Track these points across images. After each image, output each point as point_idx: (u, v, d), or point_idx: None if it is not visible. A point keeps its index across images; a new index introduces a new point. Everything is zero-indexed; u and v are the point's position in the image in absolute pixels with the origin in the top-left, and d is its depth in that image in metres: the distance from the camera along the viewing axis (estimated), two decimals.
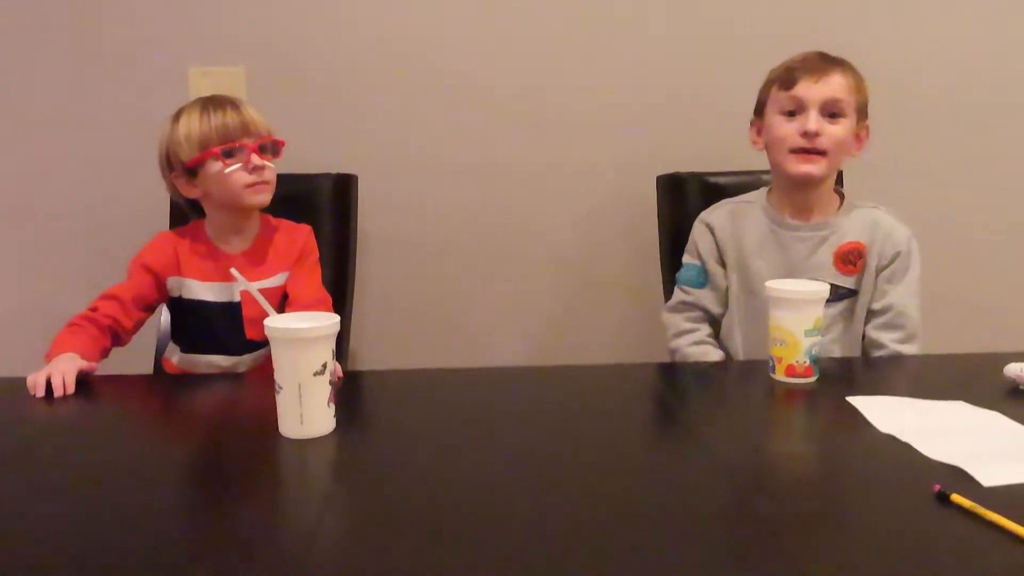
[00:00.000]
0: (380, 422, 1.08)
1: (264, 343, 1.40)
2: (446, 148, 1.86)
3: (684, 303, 1.51)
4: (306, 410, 0.94)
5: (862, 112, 1.43)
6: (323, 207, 1.71)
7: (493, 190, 1.88)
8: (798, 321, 1.13)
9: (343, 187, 1.74)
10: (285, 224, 1.50)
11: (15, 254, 1.88)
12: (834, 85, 1.39)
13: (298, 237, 1.48)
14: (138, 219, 1.80)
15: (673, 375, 1.32)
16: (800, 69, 1.40)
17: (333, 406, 0.97)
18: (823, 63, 1.41)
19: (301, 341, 0.93)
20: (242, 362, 1.42)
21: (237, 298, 1.40)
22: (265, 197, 1.39)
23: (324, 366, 0.95)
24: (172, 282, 1.40)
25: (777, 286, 1.16)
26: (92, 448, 0.97)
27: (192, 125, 1.37)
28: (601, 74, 1.85)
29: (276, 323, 0.94)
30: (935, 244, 1.89)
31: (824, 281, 1.39)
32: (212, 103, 1.39)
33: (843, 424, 1.00)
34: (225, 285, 1.39)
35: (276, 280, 1.42)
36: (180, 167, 1.38)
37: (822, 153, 1.39)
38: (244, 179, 1.36)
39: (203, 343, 1.42)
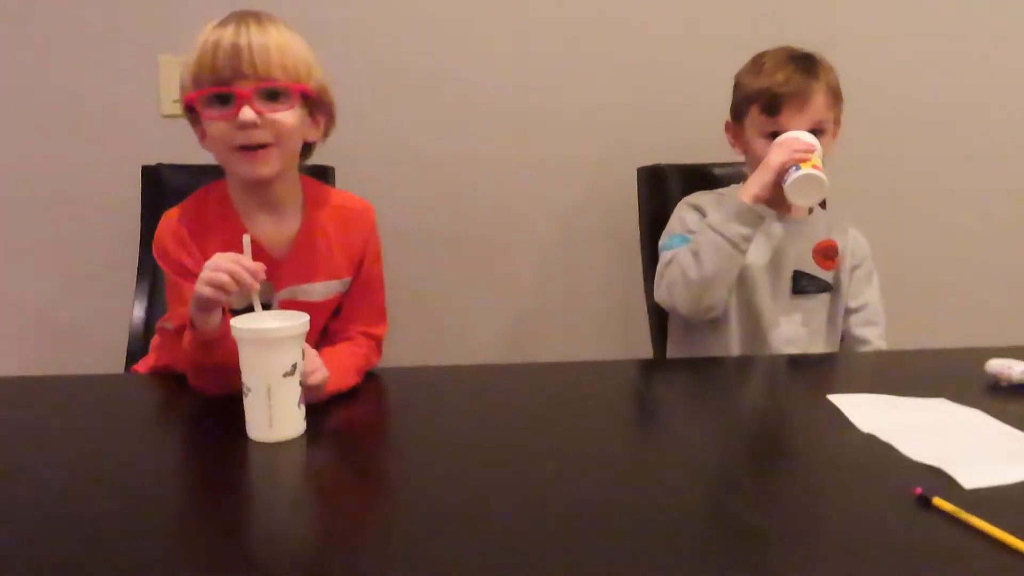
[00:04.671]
0: (353, 423, 1.05)
1: None
2: (425, 141, 1.83)
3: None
4: (275, 412, 0.91)
5: (840, 113, 1.42)
6: None
7: (472, 183, 1.86)
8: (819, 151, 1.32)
9: (320, 179, 1.70)
10: (338, 199, 1.16)
11: None
12: (817, 108, 1.36)
13: (362, 226, 1.16)
14: (104, 208, 1.77)
15: (653, 371, 1.31)
16: (785, 95, 1.35)
17: (303, 407, 0.94)
18: (805, 81, 1.35)
19: (270, 341, 0.90)
20: None
21: (273, 303, 1.10)
22: (260, 168, 1.04)
23: (294, 367, 0.92)
24: None
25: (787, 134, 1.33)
26: (50, 452, 0.93)
27: (197, 48, 1.03)
28: (581, 66, 1.82)
29: (242, 323, 0.91)
30: (916, 238, 1.90)
31: (807, 273, 1.42)
32: (231, 17, 1.04)
33: (823, 423, 0.98)
34: (265, 285, 1.03)
35: (327, 289, 1.12)
36: (184, 107, 1.06)
37: None
38: (230, 138, 1.02)
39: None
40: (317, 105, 1.11)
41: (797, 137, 1.33)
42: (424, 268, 1.88)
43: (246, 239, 0.96)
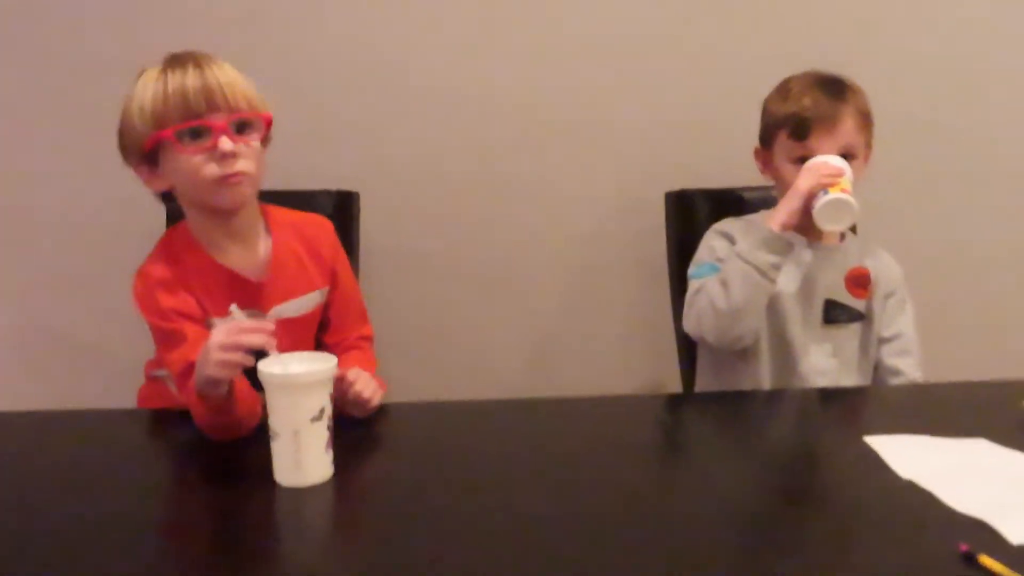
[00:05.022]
0: (380, 465, 1.04)
1: None
2: (449, 164, 1.82)
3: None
4: (303, 457, 0.91)
5: (870, 138, 1.39)
6: None
7: (498, 206, 1.85)
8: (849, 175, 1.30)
9: (344, 205, 1.70)
10: (296, 218, 1.20)
11: None
12: (846, 132, 1.33)
13: (326, 238, 1.21)
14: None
15: (682, 407, 1.28)
16: (813, 119, 1.33)
17: (331, 451, 0.93)
18: (833, 105, 1.33)
19: (299, 387, 0.90)
20: None
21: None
22: (239, 194, 1.07)
23: (322, 411, 0.91)
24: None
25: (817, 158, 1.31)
26: (74, 494, 0.93)
27: (147, 93, 1.04)
28: (608, 88, 1.81)
29: (270, 367, 0.91)
30: (950, 266, 1.85)
31: (839, 302, 1.39)
32: (174, 62, 1.06)
33: (861, 466, 0.96)
34: (250, 312, 1.09)
35: (309, 302, 1.17)
36: (137, 152, 1.07)
37: None
38: (209, 172, 1.04)
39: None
40: (266, 135, 1.15)
41: (826, 161, 1.31)
42: (449, 292, 1.87)
43: (234, 309, 0.96)
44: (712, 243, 1.43)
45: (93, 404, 1.24)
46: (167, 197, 1.14)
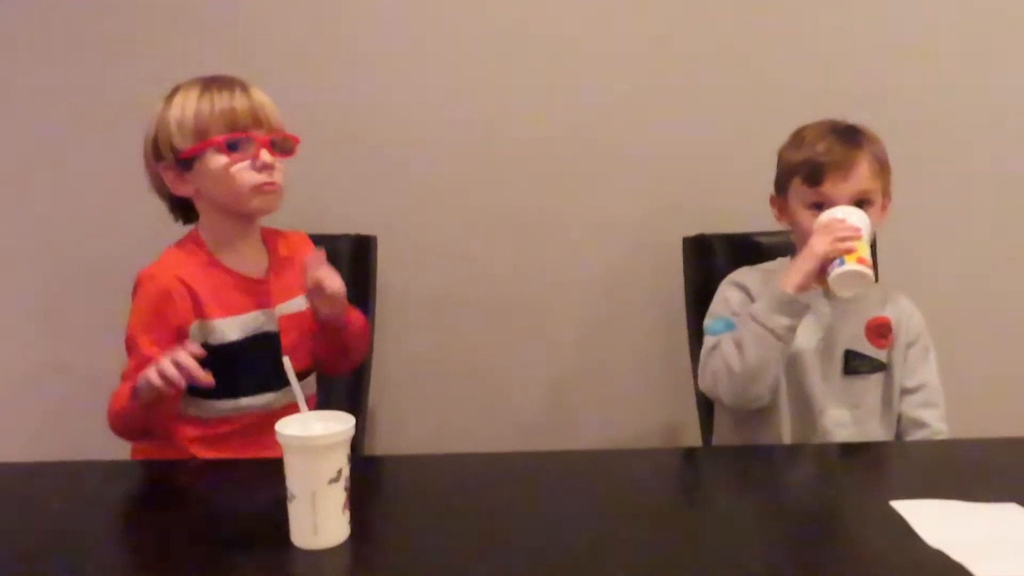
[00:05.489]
0: (395, 524, 1.03)
1: (306, 372, 1.30)
2: (467, 207, 1.83)
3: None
4: (320, 519, 0.89)
5: (887, 186, 1.37)
6: (342, 269, 1.66)
7: (516, 249, 1.85)
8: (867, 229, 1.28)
9: (362, 249, 1.70)
10: (277, 231, 1.34)
11: None
12: (861, 177, 1.32)
13: (306, 247, 1.33)
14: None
15: (698, 463, 1.26)
16: (827, 164, 1.32)
17: (348, 512, 0.92)
18: (847, 150, 1.32)
19: (317, 449, 0.89)
20: (277, 400, 1.24)
21: (274, 327, 1.25)
22: (274, 202, 1.21)
23: (339, 472, 0.90)
24: (193, 329, 1.19)
25: (832, 213, 1.29)
26: (74, 554, 0.91)
27: (189, 107, 1.17)
28: (627, 131, 1.81)
29: (287, 429, 0.90)
30: (977, 317, 1.82)
31: (860, 353, 1.37)
32: (216, 83, 1.19)
33: (888, 534, 0.93)
34: (254, 314, 1.23)
35: (305, 301, 1.27)
36: (171, 157, 1.18)
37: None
38: (252, 179, 1.17)
39: (230, 386, 1.19)
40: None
41: (843, 219, 1.28)
42: (465, 335, 1.87)
43: (286, 360, 0.99)
44: (727, 295, 1.42)
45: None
46: (177, 201, 1.26)
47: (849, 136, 1.35)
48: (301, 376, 1.21)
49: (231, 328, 1.22)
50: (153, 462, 1.25)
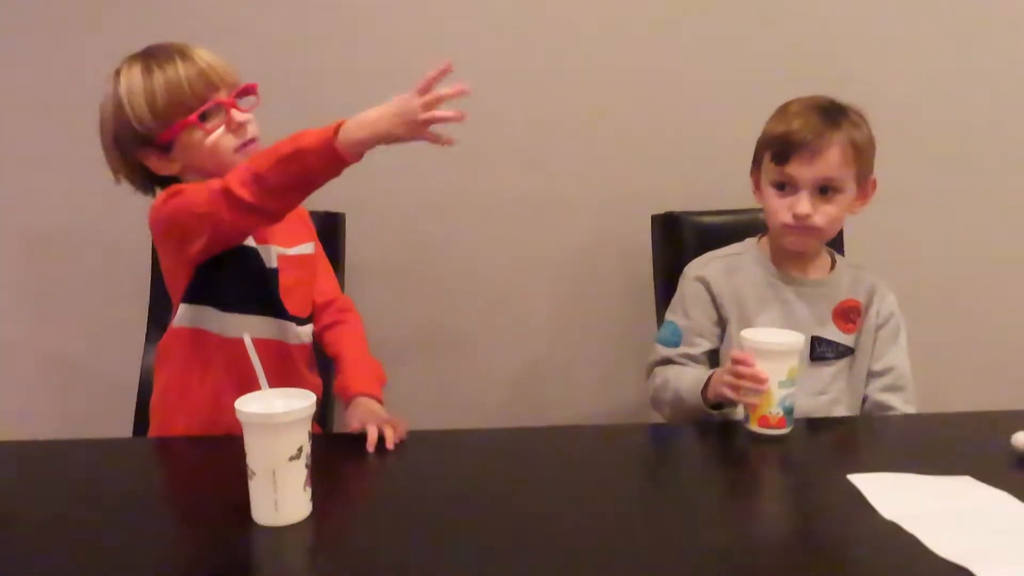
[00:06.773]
0: (358, 502, 1.03)
1: (305, 320, 1.30)
2: (436, 184, 1.82)
3: (660, 361, 1.41)
4: (281, 496, 0.89)
5: (865, 172, 1.34)
6: None
7: (486, 227, 1.84)
8: (773, 372, 1.12)
9: (331, 226, 1.69)
10: None
11: None
12: (829, 162, 1.29)
13: (299, 207, 1.29)
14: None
15: (664, 441, 1.26)
16: (795, 144, 1.29)
17: (309, 489, 0.92)
18: (822, 130, 1.29)
19: (276, 426, 0.88)
20: (291, 331, 1.24)
21: (274, 263, 1.24)
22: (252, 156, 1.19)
23: (299, 450, 0.90)
24: None
25: (751, 336, 1.15)
26: (41, 527, 0.92)
27: (139, 88, 1.14)
28: (597, 109, 1.80)
29: (247, 406, 0.89)
30: (943, 293, 1.84)
31: (826, 339, 1.38)
32: (157, 56, 1.16)
33: (844, 506, 0.95)
34: (263, 247, 1.22)
35: (306, 248, 1.31)
36: (143, 143, 1.17)
37: (816, 229, 1.33)
38: (232, 143, 1.19)
39: (243, 303, 1.20)
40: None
41: (754, 371, 1.12)
42: (434, 310, 1.87)
43: (247, 339, 0.98)
44: (685, 291, 1.42)
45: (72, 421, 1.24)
46: (164, 182, 1.22)
47: (829, 116, 1.31)
48: (300, 323, 1.27)
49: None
50: (114, 440, 1.24)
